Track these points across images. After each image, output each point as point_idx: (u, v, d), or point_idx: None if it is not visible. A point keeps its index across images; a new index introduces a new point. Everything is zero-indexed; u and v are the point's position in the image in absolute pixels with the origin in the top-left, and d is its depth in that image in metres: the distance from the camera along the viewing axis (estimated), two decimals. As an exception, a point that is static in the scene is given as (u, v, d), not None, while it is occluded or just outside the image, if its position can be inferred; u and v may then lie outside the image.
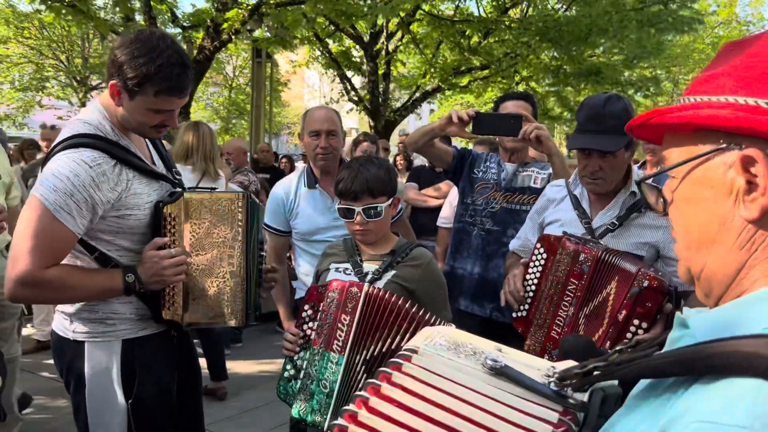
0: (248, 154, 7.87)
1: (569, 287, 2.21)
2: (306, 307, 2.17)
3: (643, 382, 0.82)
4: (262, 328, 6.67)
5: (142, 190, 2.03)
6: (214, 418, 4.26)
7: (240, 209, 2.12)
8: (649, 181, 0.90)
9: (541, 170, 3.10)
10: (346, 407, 0.87)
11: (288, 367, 2.17)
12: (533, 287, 2.33)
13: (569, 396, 0.82)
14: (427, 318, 2.02)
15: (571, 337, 1.74)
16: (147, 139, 2.21)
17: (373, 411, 0.85)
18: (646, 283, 2.05)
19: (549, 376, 0.85)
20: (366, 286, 2.07)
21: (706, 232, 0.79)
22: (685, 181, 0.81)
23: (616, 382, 0.93)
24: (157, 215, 2.04)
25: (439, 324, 2.03)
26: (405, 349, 0.92)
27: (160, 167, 2.19)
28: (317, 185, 3.00)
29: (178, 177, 2.23)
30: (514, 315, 2.38)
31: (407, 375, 0.88)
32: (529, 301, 2.33)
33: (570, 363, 0.94)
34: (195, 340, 2.50)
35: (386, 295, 2.04)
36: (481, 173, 3.18)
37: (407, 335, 2.00)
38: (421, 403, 0.83)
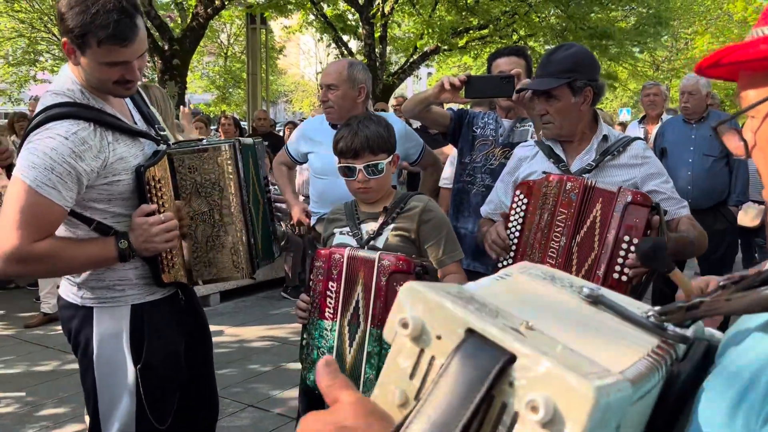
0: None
1: (559, 217, 2.21)
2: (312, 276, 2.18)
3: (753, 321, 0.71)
4: (269, 295, 6.73)
5: (127, 153, 1.98)
6: (222, 383, 4.30)
7: (229, 160, 2.06)
8: (727, 123, 0.85)
9: (538, 125, 3.07)
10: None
11: (305, 335, 2.20)
12: (517, 234, 2.31)
13: (669, 329, 0.73)
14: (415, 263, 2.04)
15: (646, 241, 1.74)
16: (126, 100, 2.13)
17: None
18: (629, 198, 2.10)
19: (647, 312, 0.77)
20: (347, 250, 2.08)
21: None
22: (767, 121, 0.73)
23: (720, 333, 0.82)
24: (140, 181, 1.98)
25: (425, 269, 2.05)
26: (498, 275, 0.84)
27: (142, 127, 2.11)
28: None
29: (161, 133, 2.15)
30: (499, 266, 2.33)
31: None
32: (513, 248, 2.31)
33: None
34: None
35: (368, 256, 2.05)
36: (479, 130, 3.15)
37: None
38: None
